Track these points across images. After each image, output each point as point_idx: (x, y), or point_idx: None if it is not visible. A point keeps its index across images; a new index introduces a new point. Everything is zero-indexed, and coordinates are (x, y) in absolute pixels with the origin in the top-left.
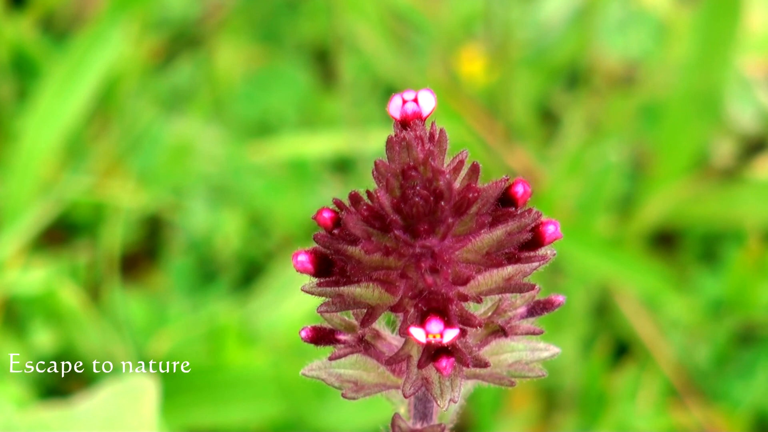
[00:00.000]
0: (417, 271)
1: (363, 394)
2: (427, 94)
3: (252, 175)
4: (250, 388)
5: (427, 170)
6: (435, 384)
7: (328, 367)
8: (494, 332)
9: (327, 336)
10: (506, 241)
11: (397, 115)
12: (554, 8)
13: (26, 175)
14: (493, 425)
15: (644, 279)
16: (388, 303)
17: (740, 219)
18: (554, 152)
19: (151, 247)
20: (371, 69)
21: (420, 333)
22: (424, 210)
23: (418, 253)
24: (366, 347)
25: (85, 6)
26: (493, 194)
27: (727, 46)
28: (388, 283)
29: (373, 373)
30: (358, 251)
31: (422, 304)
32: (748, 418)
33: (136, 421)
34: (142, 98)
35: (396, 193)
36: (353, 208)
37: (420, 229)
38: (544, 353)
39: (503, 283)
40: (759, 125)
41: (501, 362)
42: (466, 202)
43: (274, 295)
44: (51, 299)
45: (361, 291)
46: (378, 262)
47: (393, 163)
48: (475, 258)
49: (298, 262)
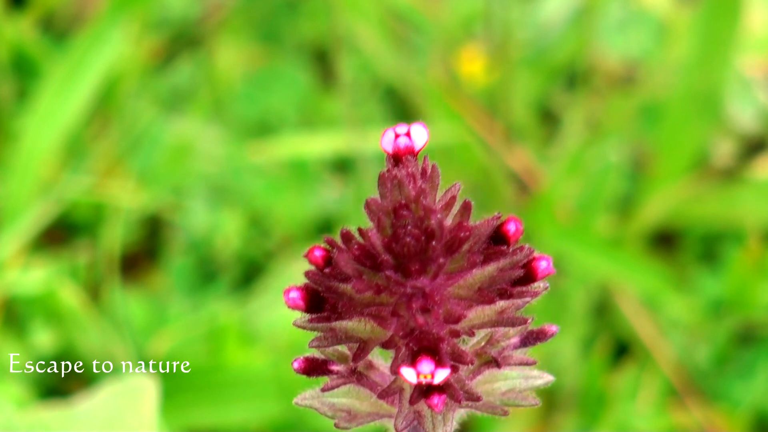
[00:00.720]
0: (408, 311)
1: (356, 423)
2: (419, 128)
3: (252, 175)
4: (250, 388)
5: (418, 209)
6: (427, 419)
7: (321, 396)
8: (487, 363)
9: (320, 367)
10: (498, 277)
11: (389, 149)
12: (554, 8)
13: (26, 175)
14: (493, 425)
15: (644, 279)
16: (380, 338)
17: (740, 219)
18: (554, 152)
19: (151, 247)
20: (371, 69)
21: (411, 373)
22: (416, 249)
23: (409, 293)
24: (359, 378)
25: (85, 6)
26: (484, 232)
27: (727, 46)
28: (379, 318)
29: (366, 403)
30: (350, 289)
31: (413, 344)
32: (748, 418)
33: (136, 421)
34: (142, 98)
35: (387, 231)
36: (345, 247)
37: (411, 269)
38: (538, 381)
39: (495, 317)
40: (759, 125)
41: (494, 391)
42: (457, 241)
43: (274, 295)
44: (51, 299)
45: (353, 325)
46: (369, 300)
47: (385, 200)
48: (466, 294)
49: (290, 299)
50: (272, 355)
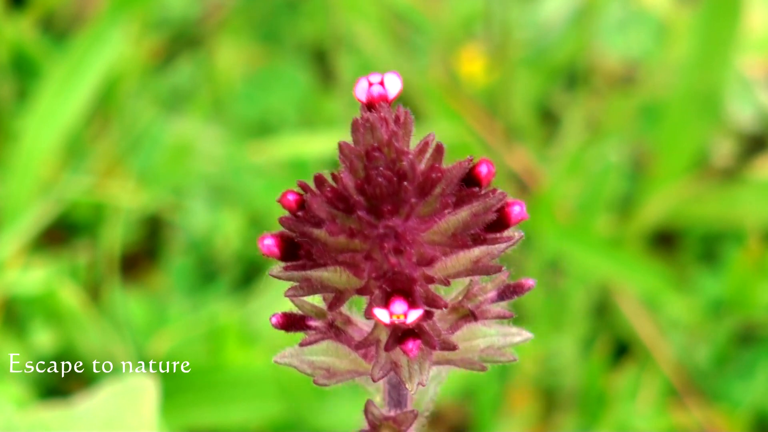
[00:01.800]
0: (381, 252)
1: (335, 381)
2: (393, 77)
3: (252, 175)
4: (250, 388)
5: (391, 151)
6: (403, 367)
7: (300, 354)
8: (464, 317)
9: (297, 322)
10: (471, 222)
11: (363, 97)
12: (554, 8)
13: (26, 175)
14: (493, 425)
15: (644, 279)
16: (355, 286)
17: (740, 219)
18: (554, 152)
19: (151, 247)
20: (371, 69)
21: (384, 314)
22: (388, 190)
23: (381, 234)
24: (337, 333)
25: (85, 6)
26: (457, 174)
27: (727, 46)
28: (354, 266)
29: (345, 360)
30: (323, 233)
31: (386, 285)
32: (748, 418)
33: (136, 421)
34: (142, 98)
35: (360, 174)
36: (318, 190)
37: (383, 210)
38: (516, 338)
39: (471, 266)
40: (759, 125)
41: (473, 347)
42: (429, 182)
43: (275, 295)
44: (51, 299)
45: (329, 275)
46: (343, 245)
47: (357, 144)
48: (440, 239)
49: (264, 246)
50: (272, 355)
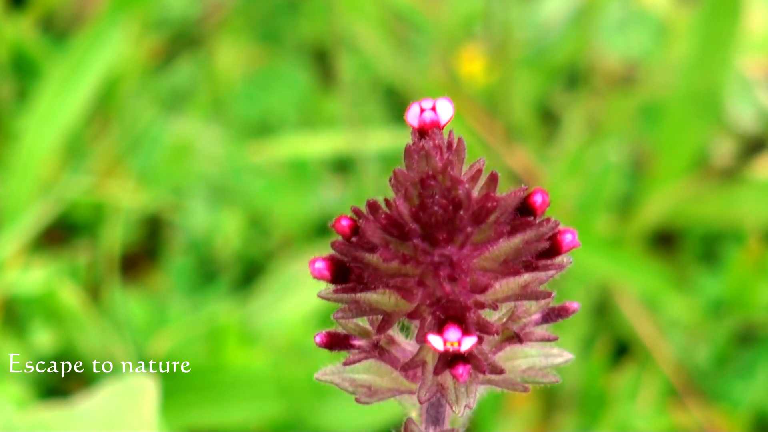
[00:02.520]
0: (435, 279)
1: (376, 399)
2: (445, 103)
3: (252, 175)
4: (250, 388)
5: (445, 179)
6: (450, 390)
7: (342, 372)
8: (509, 338)
9: (341, 341)
10: (524, 249)
11: (415, 123)
12: (554, 8)
13: (26, 175)
14: (493, 425)
15: (644, 279)
16: (405, 310)
17: (740, 219)
18: (554, 152)
19: (151, 247)
20: (371, 69)
21: (438, 341)
22: (443, 219)
23: (436, 261)
24: (380, 353)
25: (85, 6)
26: (512, 203)
27: (727, 46)
28: (404, 290)
29: (387, 378)
30: (376, 259)
31: (440, 312)
32: (748, 418)
33: (136, 421)
34: (142, 98)
35: (414, 201)
36: (371, 216)
37: (439, 238)
38: (558, 359)
39: (519, 291)
40: (759, 125)
41: (515, 368)
42: (484, 211)
43: (274, 295)
44: (51, 299)
45: (378, 298)
46: (395, 270)
47: (411, 171)
48: (492, 266)
49: (315, 269)
50: (272, 355)
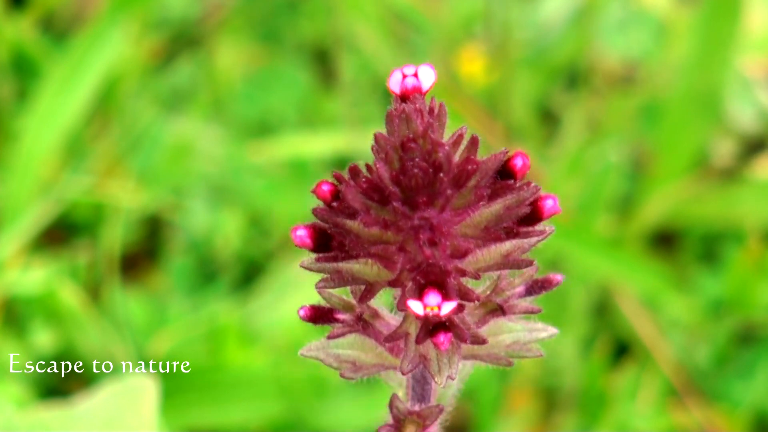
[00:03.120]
0: (415, 244)
1: (361, 374)
2: (427, 69)
3: (252, 175)
4: (250, 388)
5: (426, 143)
6: (433, 361)
7: (327, 347)
8: (492, 311)
9: (325, 315)
10: (505, 215)
11: (396, 89)
12: (554, 8)
13: (26, 175)
14: (493, 425)
15: (644, 279)
16: (387, 279)
17: (740, 219)
18: (554, 152)
19: (151, 247)
20: (371, 69)
21: (418, 306)
22: (423, 182)
23: (416, 225)
24: (364, 326)
25: (85, 6)
26: (492, 167)
27: (727, 46)
28: (386, 258)
29: (371, 354)
30: (357, 225)
31: (420, 277)
32: (748, 418)
33: (136, 421)
34: (142, 98)
35: (395, 165)
36: (352, 181)
37: (419, 201)
38: (542, 333)
39: (502, 259)
40: (759, 125)
41: (499, 342)
42: (465, 174)
43: (274, 295)
44: (51, 299)
45: (360, 267)
46: (376, 236)
47: (392, 136)
48: (473, 232)
49: (297, 237)
50: (272, 355)
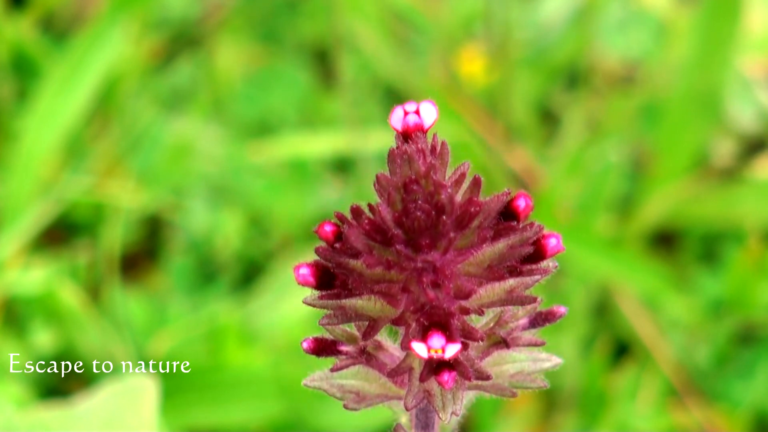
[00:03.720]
0: (419, 285)
1: (365, 405)
2: (429, 106)
3: (252, 175)
4: (250, 388)
5: (428, 184)
6: (437, 397)
7: (330, 377)
8: (496, 343)
9: (329, 347)
10: (508, 254)
11: (398, 126)
12: (554, 8)
13: (26, 175)
14: (493, 425)
15: (644, 279)
16: (390, 316)
17: (740, 219)
18: (554, 152)
19: (151, 247)
20: (371, 69)
21: (422, 348)
22: (426, 224)
23: (419, 268)
24: (368, 358)
25: (85, 6)
26: (495, 208)
27: (727, 46)
28: (389, 296)
29: (375, 384)
30: (360, 265)
31: (424, 319)
32: (748, 418)
33: (136, 421)
34: (142, 98)
35: (398, 206)
36: (355, 222)
37: (422, 243)
38: (546, 364)
39: (505, 296)
40: (759, 125)
41: (503, 373)
42: (467, 215)
43: (274, 295)
44: (51, 299)
45: (363, 303)
46: (380, 276)
47: (394, 176)
48: (476, 271)
49: (300, 275)
50: (272, 355)
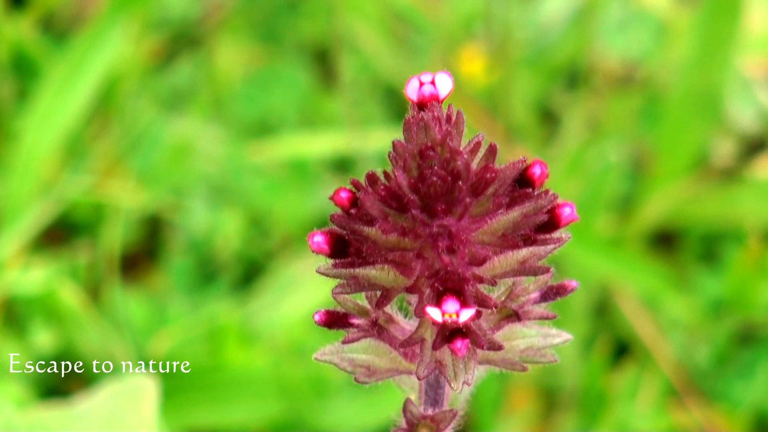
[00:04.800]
0: (434, 251)
1: (375, 378)
2: (444, 77)
3: (252, 175)
4: (250, 388)
5: (444, 150)
6: (449, 366)
7: (341, 351)
8: (507, 317)
9: (340, 320)
10: (522, 222)
11: (414, 97)
12: (554, 8)
13: (26, 175)
14: (493, 425)
15: (644, 279)
16: (403, 285)
17: (740, 219)
18: (554, 152)
19: (151, 247)
20: (371, 69)
21: (436, 312)
22: (442, 190)
23: (435, 233)
24: (379, 331)
25: (85, 6)
26: (510, 175)
27: (727, 46)
28: (403, 265)
29: (386, 358)
30: (375, 231)
31: (438, 284)
32: (748, 418)
33: (136, 421)
34: (142, 98)
35: (413, 173)
36: (370, 188)
37: (437, 209)
38: (556, 339)
39: (518, 266)
40: (759, 125)
41: (513, 348)
42: (483, 182)
43: (274, 295)
44: (51, 299)
45: (376, 273)
46: (394, 243)
47: (410, 143)
48: (491, 239)
49: (314, 243)
50: (272, 355)
